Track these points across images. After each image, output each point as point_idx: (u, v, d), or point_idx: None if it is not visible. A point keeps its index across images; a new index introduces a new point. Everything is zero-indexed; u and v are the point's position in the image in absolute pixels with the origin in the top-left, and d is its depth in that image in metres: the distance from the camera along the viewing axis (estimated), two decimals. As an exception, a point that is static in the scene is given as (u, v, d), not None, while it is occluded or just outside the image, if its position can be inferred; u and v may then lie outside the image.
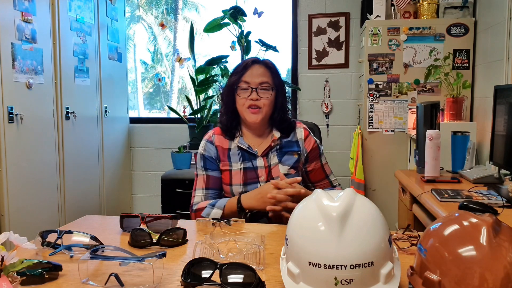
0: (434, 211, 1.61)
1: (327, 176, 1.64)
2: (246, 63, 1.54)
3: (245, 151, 1.55)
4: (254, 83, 1.50)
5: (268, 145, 1.55)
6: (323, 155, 1.64)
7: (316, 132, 2.07)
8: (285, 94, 1.59)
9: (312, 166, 1.61)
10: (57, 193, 2.78)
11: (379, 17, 3.02)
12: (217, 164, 1.56)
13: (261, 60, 1.56)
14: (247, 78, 1.51)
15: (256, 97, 1.50)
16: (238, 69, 1.56)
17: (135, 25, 13.81)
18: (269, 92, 1.52)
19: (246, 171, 1.53)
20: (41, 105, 2.62)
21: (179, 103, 12.75)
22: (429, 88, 2.94)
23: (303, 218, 0.80)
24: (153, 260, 0.86)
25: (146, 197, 3.91)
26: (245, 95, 1.51)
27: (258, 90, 1.50)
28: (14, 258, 0.77)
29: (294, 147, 1.57)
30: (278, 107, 1.56)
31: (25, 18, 2.44)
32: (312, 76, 3.59)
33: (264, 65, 1.54)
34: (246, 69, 1.52)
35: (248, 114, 1.51)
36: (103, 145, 3.35)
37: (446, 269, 0.67)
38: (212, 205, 1.48)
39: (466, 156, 2.27)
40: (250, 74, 1.51)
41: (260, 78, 1.51)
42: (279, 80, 1.57)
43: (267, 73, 1.53)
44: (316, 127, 2.11)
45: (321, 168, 1.62)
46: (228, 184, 1.54)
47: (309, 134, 1.62)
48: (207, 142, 1.58)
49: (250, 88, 1.50)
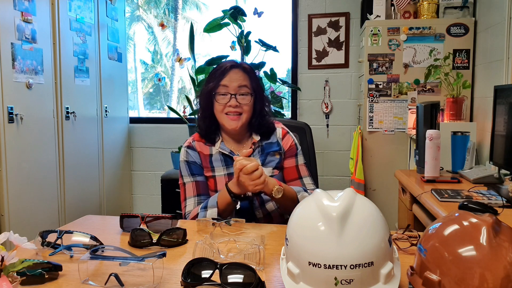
0: (434, 211, 1.61)
1: (300, 178, 1.56)
2: (225, 67, 1.48)
3: (227, 156, 1.51)
4: (233, 88, 1.45)
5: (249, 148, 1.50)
6: (301, 156, 1.58)
7: (308, 133, 2.00)
8: (263, 98, 1.54)
9: (286, 164, 1.56)
10: (57, 193, 2.78)
11: (379, 17, 3.02)
12: (202, 169, 1.52)
13: (240, 64, 1.51)
14: (225, 83, 1.46)
15: (236, 104, 1.45)
16: (216, 73, 1.50)
17: (135, 25, 13.81)
18: (248, 98, 1.47)
19: (230, 176, 1.48)
20: (41, 105, 2.62)
21: (179, 103, 12.76)
22: (429, 88, 2.94)
23: (303, 218, 0.80)
24: (153, 260, 0.86)
25: (146, 197, 3.91)
26: (224, 101, 1.46)
27: (237, 96, 1.45)
28: (14, 258, 0.77)
29: (275, 147, 1.54)
30: (257, 112, 1.51)
31: (25, 18, 2.44)
32: (312, 76, 3.60)
33: (243, 69, 1.49)
34: (225, 74, 1.47)
35: (227, 121, 1.46)
36: (103, 145, 3.35)
37: (446, 269, 0.67)
38: (204, 207, 1.43)
39: (466, 156, 2.27)
40: (229, 79, 1.46)
41: (238, 82, 1.46)
42: (258, 84, 1.52)
43: (246, 77, 1.48)
44: (308, 126, 2.03)
45: (295, 168, 1.56)
46: (213, 190, 1.51)
47: (287, 133, 1.58)
48: (188, 148, 1.54)
49: (229, 94, 1.45)
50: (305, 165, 1.59)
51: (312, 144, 2.00)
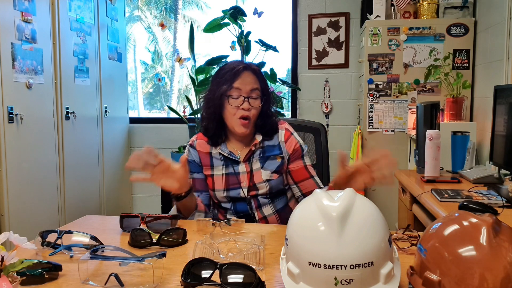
0: (434, 211, 1.61)
1: (312, 177, 1.54)
2: (237, 69, 1.45)
3: (227, 157, 1.51)
4: (245, 91, 1.43)
5: (250, 150, 1.50)
6: (307, 157, 1.56)
7: (323, 134, 1.98)
8: (270, 100, 1.52)
9: (294, 166, 1.54)
10: (57, 193, 2.78)
11: (379, 17, 3.02)
12: (201, 168, 1.53)
13: (251, 66, 1.48)
14: (238, 85, 1.43)
15: (248, 107, 1.43)
16: (227, 75, 1.45)
17: (135, 25, 13.81)
18: (258, 101, 1.46)
19: (228, 176, 1.49)
20: (41, 105, 2.62)
21: (179, 103, 12.75)
22: (429, 88, 2.94)
23: (303, 218, 0.80)
24: (153, 260, 0.86)
25: (146, 197, 3.91)
26: (236, 104, 1.43)
27: (250, 100, 1.43)
28: (14, 258, 0.77)
29: (276, 151, 1.52)
30: (263, 113, 1.50)
31: (25, 18, 2.44)
32: (312, 76, 3.60)
33: (253, 71, 1.47)
34: (237, 76, 1.44)
35: (239, 126, 1.45)
36: (103, 145, 3.35)
37: (446, 269, 0.67)
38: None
39: (466, 156, 2.27)
40: (242, 82, 1.43)
41: (251, 85, 1.44)
42: (265, 86, 1.51)
43: (256, 80, 1.46)
44: (323, 127, 2.00)
45: (304, 168, 1.54)
46: (211, 189, 1.52)
47: (291, 135, 1.55)
48: (190, 147, 1.55)
49: (242, 97, 1.43)
50: (311, 166, 1.57)
51: (326, 145, 1.98)
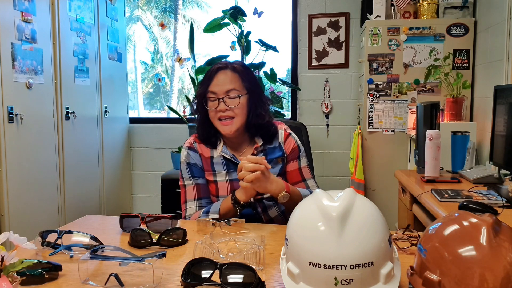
0: (434, 211, 1.61)
1: (304, 180, 1.51)
2: (211, 71, 1.43)
3: (229, 160, 1.46)
4: (221, 93, 1.39)
5: (251, 154, 1.46)
6: (304, 158, 1.53)
7: (304, 132, 1.99)
8: (260, 97, 1.47)
9: (289, 167, 1.51)
10: (57, 193, 2.78)
11: (379, 17, 3.02)
12: (203, 172, 1.48)
13: (227, 65, 1.44)
14: (213, 88, 1.40)
15: (225, 108, 1.39)
16: (204, 78, 1.44)
17: (135, 25, 13.81)
18: (237, 100, 1.40)
19: (232, 182, 1.45)
20: (41, 105, 2.62)
21: (179, 103, 12.74)
22: (429, 88, 2.94)
23: (303, 218, 0.80)
24: (153, 260, 0.86)
25: (146, 197, 3.91)
26: (214, 106, 1.40)
27: (225, 99, 1.39)
28: (14, 258, 0.77)
29: (278, 152, 1.49)
30: (251, 112, 1.44)
31: (25, 18, 2.44)
32: (312, 76, 3.59)
33: (231, 69, 1.42)
34: (212, 78, 1.41)
35: (221, 127, 1.42)
36: (103, 145, 3.35)
37: (446, 269, 0.67)
38: (207, 211, 1.39)
39: (466, 156, 2.27)
40: (216, 83, 1.40)
41: (227, 85, 1.40)
42: (251, 83, 1.45)
43: (236, 78, 1.41)
44: (304, 126, 2.02)
45: (298, 170, 1.51)
46: (215, 195, 1.48)
47: (289, 135, 1.52)
48: (189, 149, 1.49)
49: (217, 99, 1.39)
50: (308, 167, 1.54)
51: (308, 144, 2.00)
